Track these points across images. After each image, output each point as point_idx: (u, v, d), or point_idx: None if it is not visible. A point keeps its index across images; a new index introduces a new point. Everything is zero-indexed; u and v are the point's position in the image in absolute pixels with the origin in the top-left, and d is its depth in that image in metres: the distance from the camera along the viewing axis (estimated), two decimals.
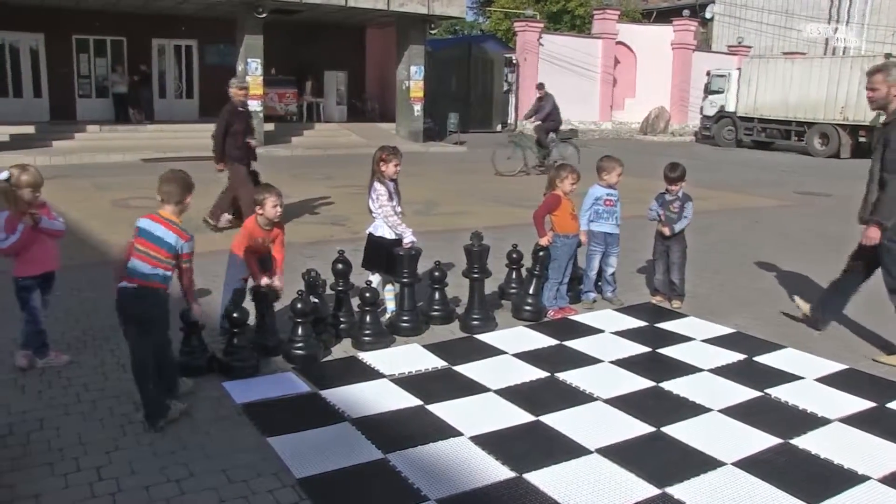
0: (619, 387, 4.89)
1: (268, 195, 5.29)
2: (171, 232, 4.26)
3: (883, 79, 5.27)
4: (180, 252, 4.28)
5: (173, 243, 4.25)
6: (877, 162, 5.39)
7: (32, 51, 24.05)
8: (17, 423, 4.21)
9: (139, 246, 4.25)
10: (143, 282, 4.20)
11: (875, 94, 5.36)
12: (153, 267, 4.21)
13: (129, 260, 4.23)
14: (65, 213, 9.95)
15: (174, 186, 4.33)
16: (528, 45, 29.39)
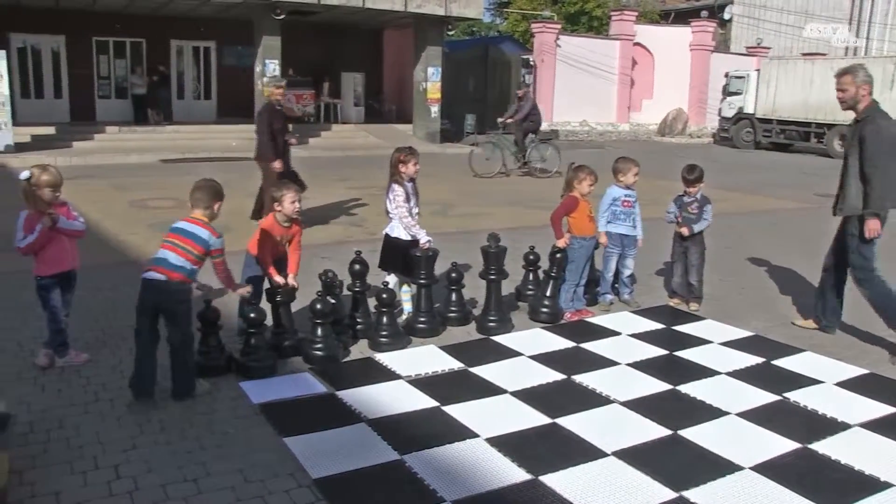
0: (636, 389, 4.87)
1: (287, 191, 5.33)
2: (201, 228, 4.55)
3: (851, 80, 5.59)
4: (211, 247, 4.55)
5: (205, 238, 4.53)
6: (854, 157, 5.61)
7: (54, 53, 24.25)
8: (37, 422, 4.25)
9: (170, 239, 4.55)
10: (170, 272, 4.44)
11: (844, 95, 5.65)
12: (183, 258, 4.48)
13: (160, 251, 4.52)
14: (84, 213, 10.00)
15: (203, 193, 4.63)
16: (545, 47, 29.33)
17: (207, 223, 4.59)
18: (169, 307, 4.48)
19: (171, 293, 4.46)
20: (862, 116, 5.63)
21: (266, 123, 9.70)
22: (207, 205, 4.62)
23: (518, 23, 39.53)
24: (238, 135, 22.31)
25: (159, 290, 4.45)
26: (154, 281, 4.44)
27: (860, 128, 5.61)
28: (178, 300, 4.49)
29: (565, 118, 29.80)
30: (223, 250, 4.67)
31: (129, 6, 22.19)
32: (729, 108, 28.07)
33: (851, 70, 5.63)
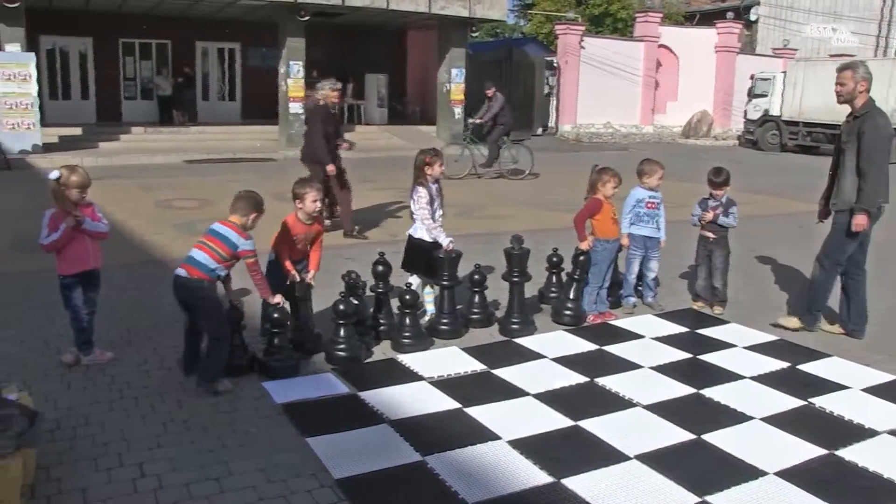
0: (659, 393, 4.84)
1: (308, 189, 5.34)
2: (231, 230, 4.74)
3: (851, 75, 5.69)
4: (238, 248, 4.71)
5: (233, 239, 4.70)
6: (852, 153, 5.70)
7: (81, 54, 24.52)
8: (63, 419, 4.29)
9: (202, 239, 4.78)
10: (192, 269, 4.65)
11: (843, 89, 5.74)
12: (208, 257, 4.67)
13: (193, 249, 4.75)
14: (110, 213, 10.12)
15: (242, 202, 4.84)
16: (569, 48, 29.24)
17: (238, 227, 4.75)
18: (189, 302, 4.71)
19: (190, 289, 4.67)
20: (861, 112, 5.72)
21: (320, 124, 9.55)
22: (244, 213, 4.79)
23: (542, 24, 39.46)
24: (262, 136, 22.47)
25: (180, 286, 4.70)
26: (178, 277, 4.69)
27: (860, 123, 5.69)
28: (197, 296, 4.67)
29: (589, 120, 29.70)
30: (254, 253, 4.79)
31: (156, 8, 22.38)
32: (754, 111, 27.82)
33: (852, 66, 5.75)
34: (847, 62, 5.86)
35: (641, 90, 30.88)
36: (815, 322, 6.17)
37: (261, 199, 4.92)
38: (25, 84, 18.31)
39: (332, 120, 9.71)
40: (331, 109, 9.69)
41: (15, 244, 8.77)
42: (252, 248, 4.78)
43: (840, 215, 5.86)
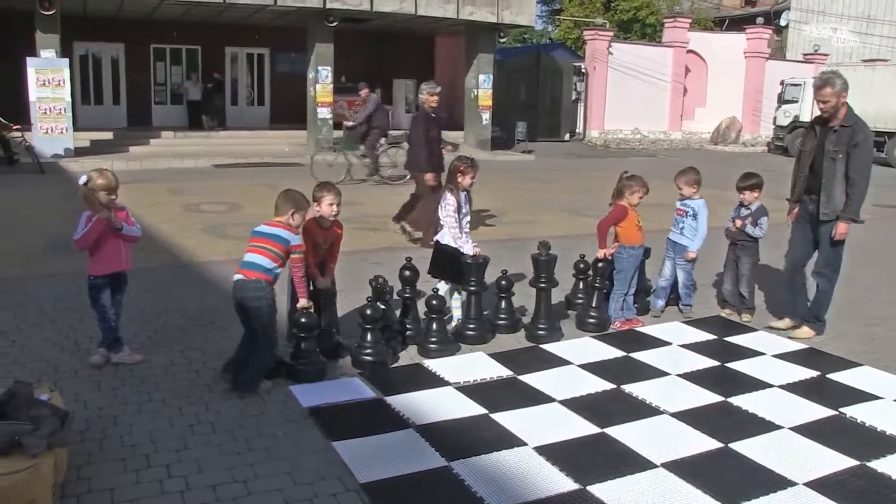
0: (687, 401, 4.80)
1: (326, 193, 5.32)
2: (279, 228, 4.84)
3: (831, 91, 5.71)
4: (290, 243, 4.82)
5: (284, 236, 4.81)
6: (841, 163, 5.73)
7: (113, 60, 24.85)
8: (93, 419, 4.34)
9: (253, 242, 4.87)
10: (249, 272, 4.75)
11: (826, 106, 5.78)
12: (264, 257, 4.76)
13: (246, 254, 4.84)
14: (139, 216, 10.22)
15: (281, 201, 4.90)
16: (597, 54, 29.17)
17: (283, 223, 4.85)
18: (246, 304, 4.75)
19: (247, 290, 4.73)
20: (849, 122, 5.77)
21: (422, 131, 9.36)
22: (284, 211, 4.86)
23: (570, 30, 39.43)
24: (290, 140, 22.60)
25: (238, 288, 4.77)
26: (236, 281, 4.79)
27: (850, 133, 5.73)
28: (254, 297, 4.71)
29: (617, 126, 29.59)
30: (303, 247, 4.94)
31: (186, 14, 22.62)
32: (784, 117, 27.55)
33: (829, 81, 5.74)
34: (822, 78, 5.84)
35: (670, 96, 30.73)
36: (824, 328, 6.21)
37: (298, 196, 4.95)
38: (59, 89, 18.59)
39: (434, 124, 9.53)
40: (430, 114, 9.49)
41: (48, 247, 8.89)
42: (300, 242, 4.90)
43: (830, 226, 5.89)
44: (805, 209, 6.11)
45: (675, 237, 6.65)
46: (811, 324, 6.16)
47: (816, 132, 5.98)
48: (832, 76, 5.79)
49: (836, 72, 5.94)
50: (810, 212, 6.04)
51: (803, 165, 6.07)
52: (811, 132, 6.07)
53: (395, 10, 21.55)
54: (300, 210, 4.90)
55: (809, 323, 6.17)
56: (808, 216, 6.07)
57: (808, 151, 6.03)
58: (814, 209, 5.98)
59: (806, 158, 6.05)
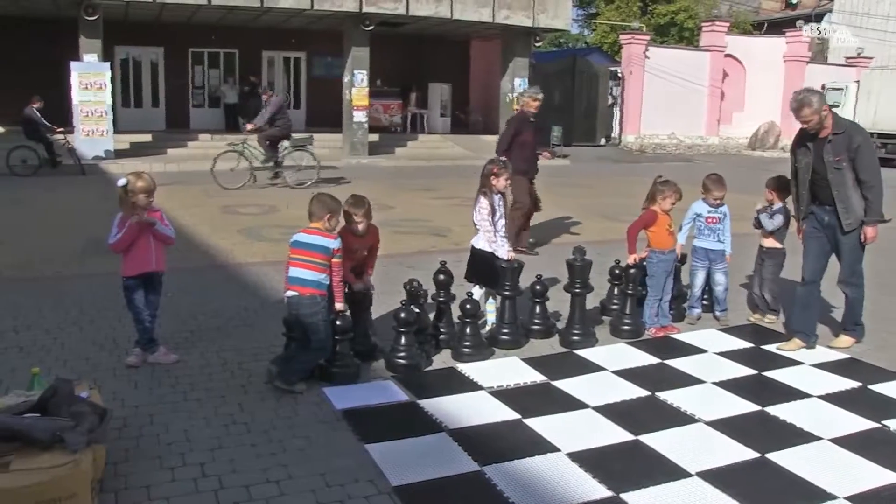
0: (723, 409, 4.74)
1: (356, 210, 5.32)
2: (319, 236, 4.87)
3: (811, 111, 5.55)
4: (332, 249, 4.87)
5: (325, 245, 4.85)
6: (847, 170, 5.58)
7: (152, 64, 25.20)
8: (130, 417, 4.40)
9: (295, 255, 4.90)
10: (302, 288, 4.83)
11: (810, 125, 5.62)
12: (312, 272, 4.83)
13: (289, 269, 4.90)
14: (176, 217, 10.37)
15: (314, 206, 4.93)
16: (633, 58, 28.97)
17: (321, 229, 4.89)
18: (303, 320, 4.84)
19: (303, 307, 4.82)
20: (841, 129, 5.65)
21: (509, 134, 9.17)
22: (319, 216, 4.90)
23: (606, 34, 39.20)
24: (326, 143, 22.70)
25: (294, 305, 4.86)
26: (290, 298, 4.88)
27: (846, 140, 5.59)
28: (310, 312, 4.81)
29: (653, 130, 29.35)
30: (341, 251, 4.97)
31: (224, 18, 22.86)
32: None
33: (805, 101, 5.55)
34: (797, 100, 5.60)
35: (707, 100, 30.42)
36: (863, 331, 6.08)
37: (329, 200, 5.00)
38: (100, 93, 18.91)
39: (530, 127, 9.31)
40: (529, 118, 9.31)
41: (88, 247, 9.03)
42: (339, 245, 4.94)
43: (853, 234, 5.71)
44: (817, 220, 5.89)
45: (709, 244, 6.58)
46: (850, 332, 6.04)
47: (809, 146, 5.78)
48: (806, 95, 5.58)
49: (809, 89, 5.77)
50: (826, 223, 5.81)
51: (802, 181, 5.90)
52: (802, 147, 5.85)
53: (430, 14, 21.60)
54: (335, 213, 4.95)
55: (848, 331, 6.05)
56: (823, 226, 5.85)
57: (804, 167, 5.85)
58: (829, 219, 5.78)
59: (804, 174, 5.86)
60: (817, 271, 5.96)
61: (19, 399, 3.72)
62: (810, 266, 5.96)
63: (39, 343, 5.67)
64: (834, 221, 5.75)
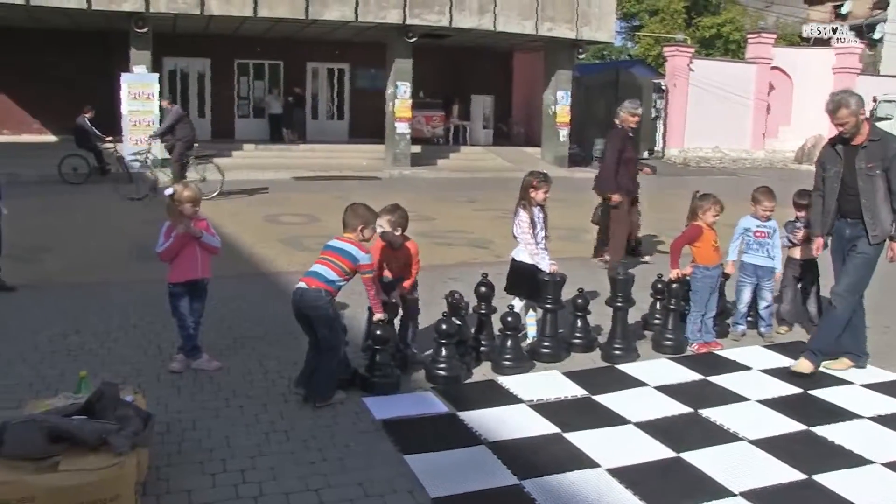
0: (767, 428, 4.65)
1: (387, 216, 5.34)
2: (350, 244, 4.86)
3: (848, 113, 5.32)
4: (359, 262, 4.83)
5: (353, 253, 4.82)
6: (880, 178, 5.33)
7: (199, 75, 25.62)
8: (173, 422, 4.45)
9: (324, 255, 4.90)
10: (310, 280, 4.78)
11: (846, 128, 5.39)
12: (328, 269, 4.79)
13: (314, 265, 4.89)
14: (220, 226, 10.50)
15: (348, 216, 4.94)
16: (677, 71, 28.75)
17: (355, 240, 4.87)
18: (306, 312, 4.79)
19: (306, 299, 4.76)
20: (877, 136, 5.41)
21: (616, 150, 8.94)
22: (353, 227, 4.89)
23: (650, 47, 38.97)
24: (368, 154, 22.89)
25: (298, 296, 4.80)
26: (297, 289, 4.83)
27: (881, 148, 5.35)
28: (313, 305, 4.74)
29: (697, 144, 29.06)
30: (372, 267, 4.97)
31: (270, 31, 23.15)
32: None
33: (843, 102, 5.33)
34: (834, 100, 5.38)
35: (752, 113, 30.04)
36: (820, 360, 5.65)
37: (364, 211, 4.98)
38: (149, 103, 19.28)
39: (631, 144, 9.07)
40: (629, 133, 9.08)
41: (134, 254, 9.18)
42: (369, 262, 4.91)
43: (874, 247, 5.44)
44: (840, 235, 5.61)
45: (758, 260, 6.49)
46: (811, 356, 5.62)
47: (839, 153, 5.52)
48: (844, 96, 5.35)
49: (849, 90, 5.49)
50: (847, 236, 5.54)
51: (831, 191, 5.56)
52: (832, 153, 5.58)
53: (474, 27, 21.66)
54: (368, 225, 4.94)
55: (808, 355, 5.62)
56: (844, 241, 5.58)
57: (832, 176, 5.55)
58: (851, 232, 5.49)
59: (832, 183, 5.55)
60: None
61: (67, 401, 3.80)
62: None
63: (87, 347, 5.77)
64: (857, 233, 5.46)
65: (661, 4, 39.89)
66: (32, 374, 5.18)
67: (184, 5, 19.02)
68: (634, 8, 41.92)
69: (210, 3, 19.15)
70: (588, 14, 22.89)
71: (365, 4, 20.30)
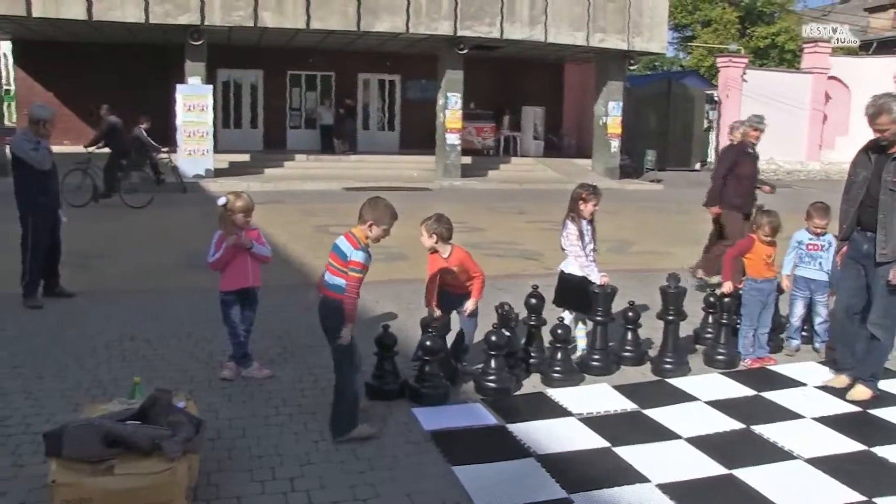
0: (824, 446, 4.53)
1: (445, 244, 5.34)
2: (345, 240, 4.41)
3: (888, 119, 5.01)
4: (349, 258, 4.32)
5: (342, 248, 4.37)
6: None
7: (252, 86, 26.06)
8: (224, 429, 4.50)
9: (328, 258, 4.47)
10: (325, 290, 4.43)
11: (886, 134, 5.08)
12: (332, 275, 4.40)
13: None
14: (272, 235, 10.62)
15: (365, 209, 4.46)
16: (730, 81, 28.37)
17: (355, 237, 4.39)
18: (324, 325, 4.49)
19: (327, 309, 4.43)
20: None
21: (727, 164, 8.63)
22: (364, 220, 4.42)
23: (703, 58, 38.56)
24: (419, 166, 23.00)
25: (321, 306, 4.48)
26: (320, 299, 4.49)
27: None
28: (327, 316, 4.44)
29: None
30: (361, 265, 4.33)
31: (322, 42, 23.45)
32: None
33: (885, 108, 5.02)
34: (875, 105, 5.07)
35: (808, 124, 29.47)
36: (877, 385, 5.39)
37: (383, 207, 4.45)
38: (203, 114, 19.68)
39: (749, 160, 8.64)
40: (748, 148, 8.66)
41: (187, 262, 9.34)
42: (359, 259, 4.31)
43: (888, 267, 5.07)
44: (857, 248, 5.33)
45: (810, 273, 6.38)
46: (866, 382, 5.35)
47: (871, 159, 5.23)
48: (887, 100, 5.03)
49: (892, 94, 5.13)
50: (864, 251, 5.25)
51: (854, 198, 5.31)
52: (864, 159, 5.30)
53: (525, 38, 21.66)
54: (379, 223, 4.39)
55: (864, 381, 5.35)
56: (861, 255, 5.29)
57: (860, 182, 5.28)
58: (868, 247, 5.21)
59: (858, 190, 5.28)
60: (851, 306, 5.44)
61: (122, 406, 3.87)
62: (843, 300, 5.51)
63: (140, 353, 5.88)
64: (872, 250, 5.19)
65: (714, 15, 39.51)
66: (89, 379, 5.30)
67: (238, 18, 19.38)
68: (687, 19, 41.59)
69: (264, 15, 19.48)
70: (640, 25, 22.76)
71: (416, 16, 20.46)
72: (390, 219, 4.45)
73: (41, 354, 5.79)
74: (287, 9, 19.67)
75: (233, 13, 19.33)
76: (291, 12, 19.69)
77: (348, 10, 19.98)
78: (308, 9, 19.72)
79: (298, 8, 19.68)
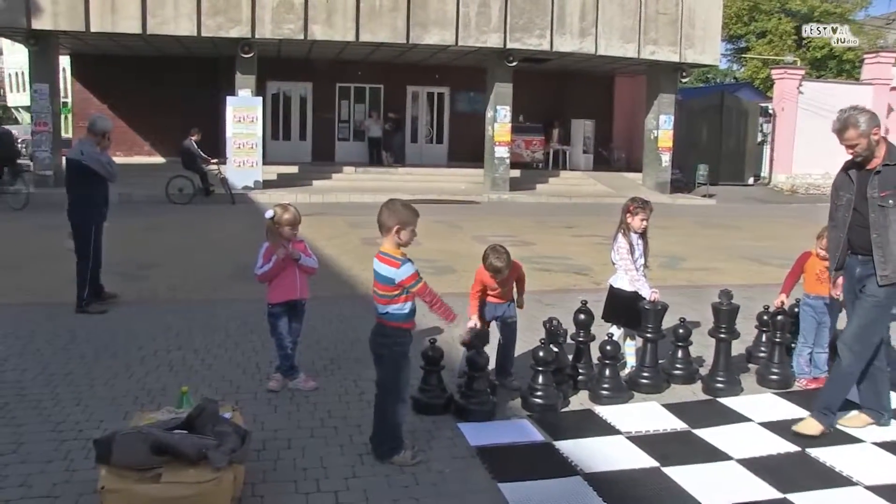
0: (885, 474, 4.36)
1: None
2: (381, 263, 4.23)
3: (856, 133, 4.66)
4: (396, 280, 4.17)
5: (385, 274, 4.19)
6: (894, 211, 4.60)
7: (301, 98, 26.35)
8: (269, 440, 4.51)
9: (374, 287, 4.32)
10: (379, 319, 4.33)
11: (856, 150, 4.72)
12: (378, 304, 4.28)
13: None
14: (320, 248, 10.69)
15: (385, 214, 4.25)
16: (786, 94, 27.87)
17: (389, 255, 4.21)
18: (372, 351, 4.42)
19: (372, 338, 4.40)
20: (892, 161, 4.67)
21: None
22: (388, 228, 4.20)
23: (758, 69, 37.99)
24: (467, 178, 23.01)
25: (371, 333, 4.40)
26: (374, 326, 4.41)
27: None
28: (377, 343, 4.34)
29: (805, 170, 28.04)
30: (415, 276, 4.20)
31: (371, 55, 23.63)
32: None
33: (850, 122, 4.66)
34: (840, 120, 4.72)
35: None
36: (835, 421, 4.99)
37: (401, 208, 4.26)
38: (252, 126, 19.96)
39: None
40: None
41: (236, 273, 9.43)
42: (409, 272, 4.17)
43: (885, 290, 4.69)
44: (851, 273, 4.92)
45: None
46: (819, 414, 4.93)
47: (853, 178, 4.85)
48: (852, 114, 4.67)
49: (858, 107, 4.76)
50: (856, 275, 4.85)
51: (841, 223, 4.90)
52: (846, 180, 4.92)
53: (574, 50, 21.56)
54: (406, 226, 4.19)
55: (816, 413, 4.95)
56: (855, 281, 4.88)
57: (844, 205, 4.88)
58: (861, 270, 4.81)
59: (844, 213, 4.88)
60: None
61: (170, 415, 3.90)
62: None
63: (188, 363, 5.93)
64: (867, 272, 4.77)
65: (769, 26, 38.93)
66: (137, 388, 5.35)
67: (288, 31, 19.63)
68: (742, 30, 41.03)
69: (314, 28, 19.70)
70: (692, 36, 22.50)
71: (465, 29, 20.51)
72: (414, 217, 4.26)
73: (92, 362, 5.87)
74: (337, 22, 19.87)
75: (283, 26, 19.58)
76: (341, 25, 19.88)
77: (397, 22, 20.12)
78: (357, 22, 19.90)
79: (348, 21, 19.87)
